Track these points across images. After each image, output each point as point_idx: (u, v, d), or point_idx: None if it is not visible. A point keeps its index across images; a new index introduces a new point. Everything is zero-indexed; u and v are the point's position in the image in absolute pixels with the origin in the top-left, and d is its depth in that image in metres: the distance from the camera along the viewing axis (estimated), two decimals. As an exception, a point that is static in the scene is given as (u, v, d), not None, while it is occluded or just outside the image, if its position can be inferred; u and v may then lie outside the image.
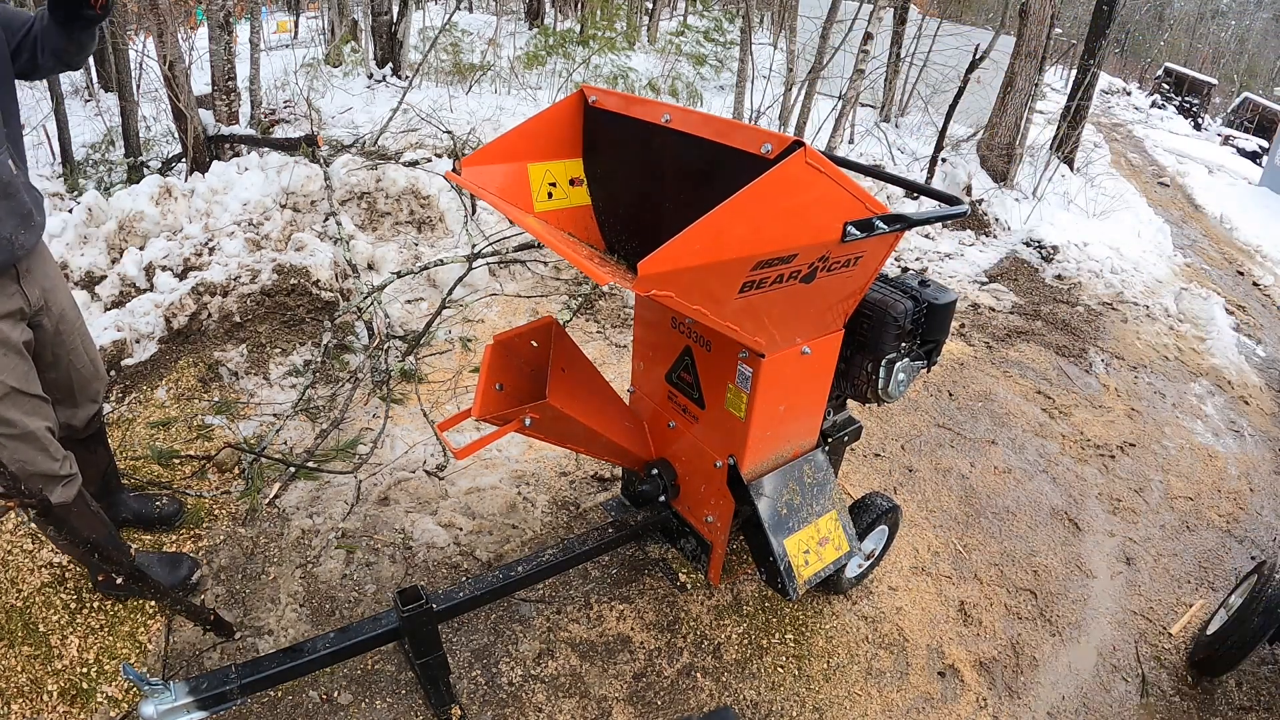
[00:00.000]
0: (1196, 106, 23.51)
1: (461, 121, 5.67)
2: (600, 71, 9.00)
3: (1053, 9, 6.94)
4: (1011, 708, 2.31)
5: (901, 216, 1.60)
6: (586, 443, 2.09)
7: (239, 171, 4.29)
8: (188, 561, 2.25)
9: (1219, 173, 13.09)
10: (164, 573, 2.19)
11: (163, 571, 2.19)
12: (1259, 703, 2.48)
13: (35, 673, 1.95)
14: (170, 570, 2.20)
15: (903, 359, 2.03)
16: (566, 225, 1.94)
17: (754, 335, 1.63)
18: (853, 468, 3.22)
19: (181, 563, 2.24)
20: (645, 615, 2.33)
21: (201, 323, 3.37)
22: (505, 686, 2.08)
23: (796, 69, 6.72)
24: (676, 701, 2.11)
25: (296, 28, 11.80)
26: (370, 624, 1.79)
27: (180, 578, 2.21)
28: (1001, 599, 2.69)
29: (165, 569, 2.20)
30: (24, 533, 2.32)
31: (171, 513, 2.45)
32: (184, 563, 2.24)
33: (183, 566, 2.23)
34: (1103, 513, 3.28)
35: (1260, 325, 5.93)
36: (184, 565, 2.23)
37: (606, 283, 1.24)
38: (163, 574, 2.19)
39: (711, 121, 1.59)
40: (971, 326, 4.79)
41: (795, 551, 1.96)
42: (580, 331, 3.94)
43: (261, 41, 5.94)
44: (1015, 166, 7.29)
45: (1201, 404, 4.40)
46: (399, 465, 2.84)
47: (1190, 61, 36.87)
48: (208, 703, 1.58)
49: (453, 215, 4.52)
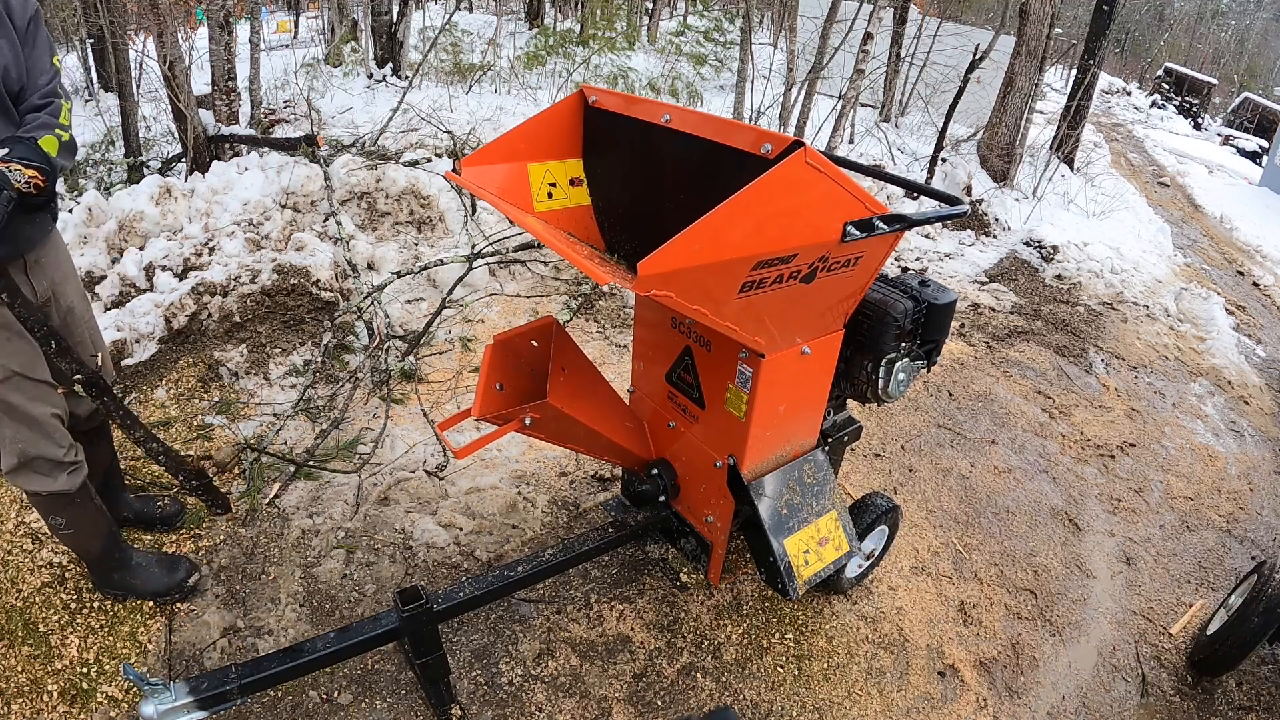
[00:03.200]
0: (1196, 106, 23.52)
1: (461, 121, 5.66)
2: (600, 71, 9.00)
3: (1053, 9, 6.94)
4: (1011, 708, 2.31)
5: (901, 216, 1.60)
6: (586, 443, 2.09)
7: (239, 171, 4.29)
8: (185, 564, 2.23)
9: (1219, 172, 13.10)
10: (161, 574, 2.18)
11: (160, 573, 2.18)
12: (1259, 703, 2.48)
13: (35, 673, 1.95)
14: (167, 572, 2.19)
15: (903, 359, 2.03)
16: (566, 225, 1.94)
17: (754, 335, 1.63)
18: (853, 468, 3.22)
19: (179, 565, 2.22)
20: (645, 615, 2.33)
21: (201, 323, 3.37)
22: (505, 686, 2.08)
23: (796, 69, 6.72)
24: (676, 701, 2.11)
25: (296, 28, 11.81)
26: (370, 624, 1.79)
27: (178, 580, 2.19)
28: (1001, 599, 2.69)
29: (163, 570, 2.19)
30: (24, 533, 2.32)
31: (173, 513, 2.44)
32: (181, 565, 2.22)
33: (180, 569, 2.21)
34: (1103, 513, 3.28)
35: (1260, 325, 5.93)
36: (181, 567, 2.22)
37: (606, 283, 1.24)
38: (160, 575, 2.17)
39: (711, 121, 1.59)
40: (971, 326, 4.79)
41: (795, 551, 1.96)
42: (580, 331, 3.94)
43: (261, 41, 5.94)
44: (1015, 166, 7.29)
45: (1201, 404, 4.40)
46: (399, 465, 2.84)
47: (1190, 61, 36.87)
48: (208, 703, 1.59)
49: (453, 215, 4.52)
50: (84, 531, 2.01)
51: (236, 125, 4.84)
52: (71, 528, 1.98)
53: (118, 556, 2.13)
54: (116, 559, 2.12)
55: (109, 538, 2.09)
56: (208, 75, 4.74)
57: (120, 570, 2.14)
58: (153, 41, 4.43)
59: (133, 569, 2.15)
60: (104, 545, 2.07)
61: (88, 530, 2.02)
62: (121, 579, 2.15)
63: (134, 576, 2.15)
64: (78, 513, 1.97)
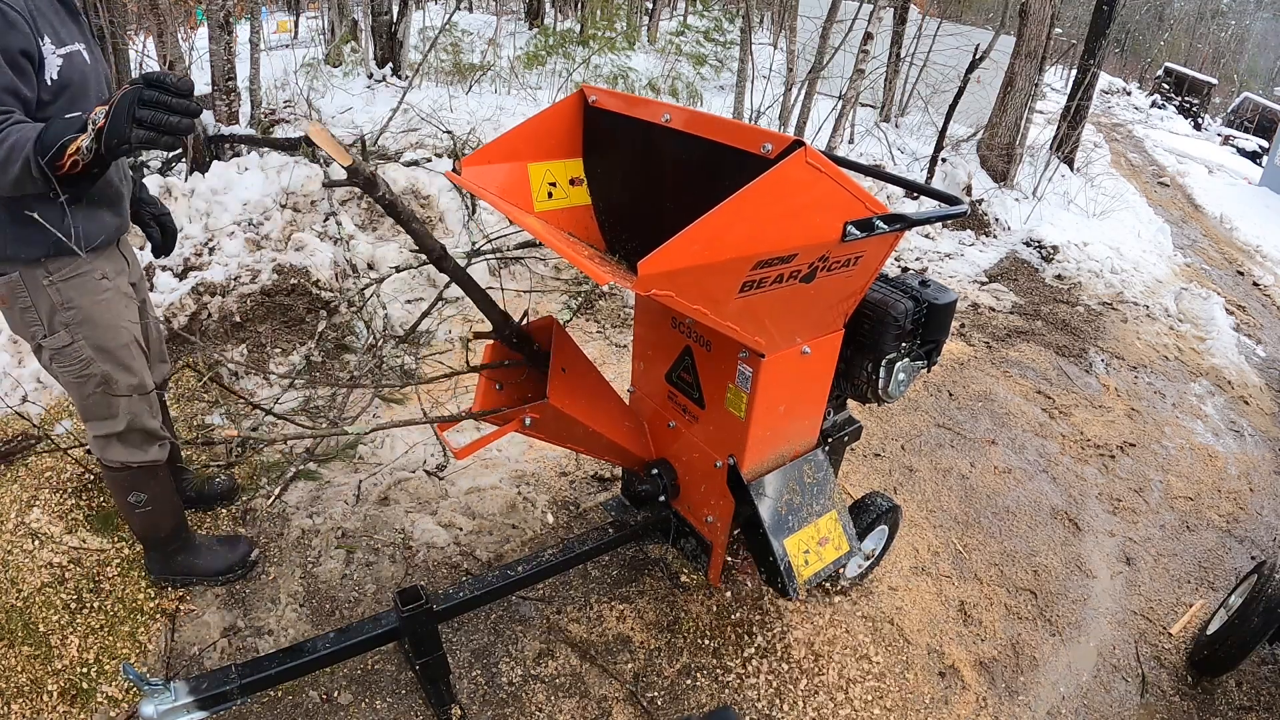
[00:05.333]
0: (1196, 106, 23.53)
1: (461, 121, 5.66)
2: (600, 71, 9.00)
3: (1053, 9, 6.94)
4: (1011, 708, 2.31)
5: (901, 216, 1.60)
6: (587, 443, 2.09)
7: (239, 171, 4.29)
8: (245, 541, 2.33)
9: (1219, 172, 13.10)
10: (225, 552, 2.26)
11: (223, 551, 2.26)
12: (1259, 703, 2.48)
13: (35, 673, 1.95)
14: (230, 550, 2.28)
15: (903, 359, 2.03)
16: (566, 225, 1.94)
17: (754, 335, 1.63)
18: (853, 468, 3.22)
19: (239, 542, 2.32)
20: (645, 615, 2.33)
21: (201, 323, 3.37)
22: (505, 686, 2.08)
23: (796, 69, 6.72)
24: (676, 701, 2.11)
25: (296, 28, 11.79)
26: (370, 624, 1.79)
27: (240, 555, 2.28)
28: (1001, 599, 2.69)
29: (226, 549, 2.27)
30: (24, 533, 2.32)
31: (229, 489, 2.54)
32: (242, 542, 2.33)
33: (241, 545, 2.31)
34: (1103, 513, 3.28)
35: (1260, 325, 5.93)
36: (242, 544, 2.31)
37: (606, 282, 1.24)
38: (224, 554, 2.26)
39: (711, 121, 1.59)
40: (971, 326, 4.79)
41: (795, 551, 1.96)
42: (580, 331, 3.94)
43: (261, 41, 5.93)
44: (1015, 166, 7.29)
45: (1201, 404, 4.40)
46: (399, 465, 2.84)
47: (1190, 61, 36.88)
48: (208, 703, 1.59)
49: (453, 215, 4.52)
50: (160, 509, 2.05)
51: (236, 125, 4.83)
52: (151, 504, 2.02)
53: (185, 536, 2.18)
54: (184, 539, 2.17)
55: (180, 515, 2.15)
56: (208, 75, 4.73)
57: (184, 552, 2.18)
58: (153, 41, 4.43)
59: (197, 549, 2.21)
60: (175, 524, 2.12)
61: (164, 507, 2.06)
62: (185, 561, 2.19)
63: (198, 557, 2.21)
64: (160, 488, 2.02)
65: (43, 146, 1.34)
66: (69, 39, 1.59)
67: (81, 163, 1.35)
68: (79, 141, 1.34)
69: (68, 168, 1.36)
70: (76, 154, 1.34)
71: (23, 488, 2.48)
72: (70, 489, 2.49)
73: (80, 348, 1.76)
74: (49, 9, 1.56)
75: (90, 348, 1.77)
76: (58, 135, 1.35)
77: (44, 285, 1.68)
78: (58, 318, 1.72)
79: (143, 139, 1.30)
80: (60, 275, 1.68)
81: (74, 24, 1.64)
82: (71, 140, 1.34)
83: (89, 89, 1.63)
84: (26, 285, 1.68)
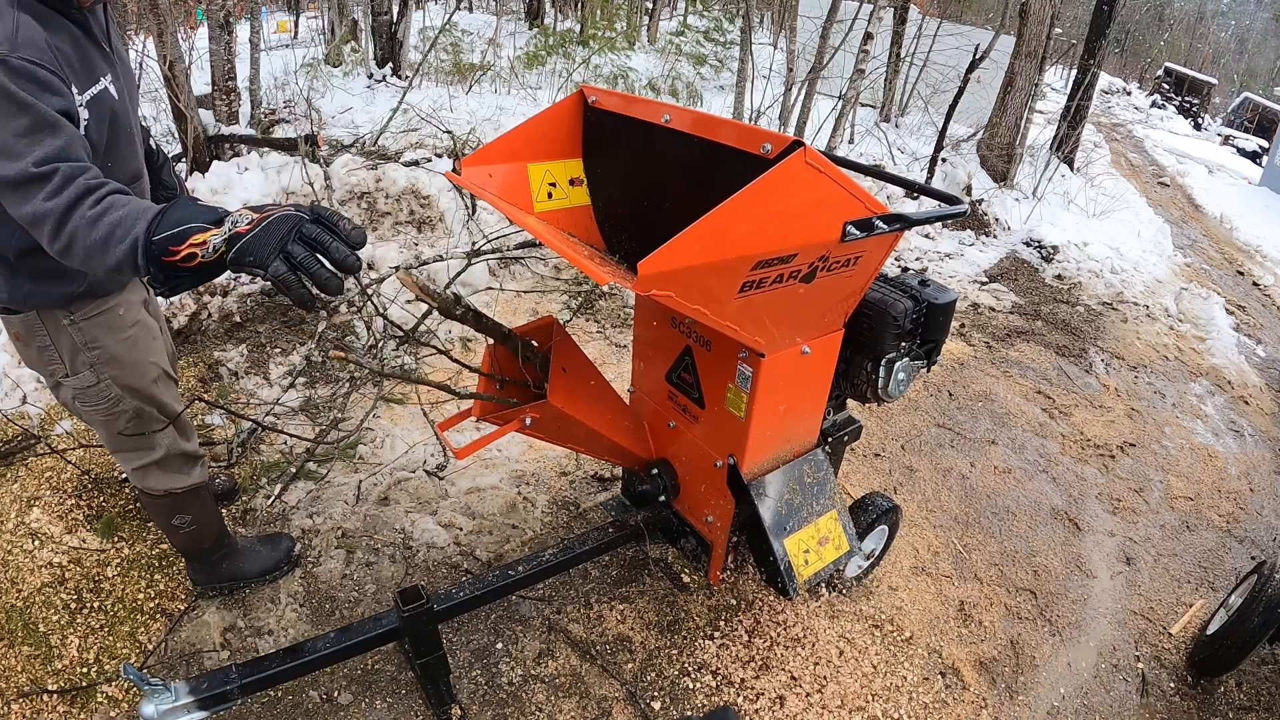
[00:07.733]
0: (1196, 106, 23.53)
1: (461, 121, 5.66)
2: (600, 71, 9.00)
3: (1053, 9, 6.94)
4: (1011, 708, 2.30)
5: (901, 216, 1.60)
6: (587, 443, 2.09)
7: (239, 171, 4.29)
8: (286, 538, 2.35)
9: (1219, 172, 13.10)
10: (268, 551, 2.27)
11: (266, 551, 2.27)
12: (1259, 703, 2.48)
13: (35, 673, 1.95)
14: (273, 548, 2.29)
15: (903, 359, 2.03)
16: (566, 225, 1.94)
17: (754, 335, 1.63)
18: (853, 468, 3.22)
19: (281, 539, 2.33)
20: (645, 615, 2.33)
21: (201, 323, 3.37)
22: (505, 686, 2.08)
23: (796, 69, 6.72)
24: (676, 702, 2.11)
25: (296, 28, 11.77)
26: (370, 624, 1.79)
27: (284, 552, 2.30)
28: (1001, 599, 2.69)
29: (268, 548, 2.28)
30: (24, 533, 2.32)
31: (229, 489, 2.53)
32: (284, 539, 2.33)
33: (283, 542, 2.32)
34: (1103, 513, 3.28)
35: (1260, 325, 5.93)
36: (284, 541, 2.33)
37: (606, 283, 1.24)
38: (267, 553, 2.26)
39: (711, 121, 1.59)
40: (971, 326, 4.79)
41: (795, 551, 1.96)
42: (580, 331, 3.94)
43: (261, 41, 5.93)
44: (1015, 166, 7.29)
45: (1201, 404, 4.40)
46: (399, 465, 2.84)
47: (1190, 61, 36.88)
48: (208, 703, 1.58)
49: (453, 215, 4.52)
50: (204, 524, 2.04)
51: (236, 125, 4.84)
52: (195, 524, 2.00)
53: (228, 544, 2.17)
54: (227, 546, 2.17)
55: (221, 524, 2.14)
56: (208, 75, 4.74)
57: (229, 559, 2.18)
58: (153, 41, 4.43)
59: (240, 554, 2.21)
60: (218, 534, 2.11)
61: (207, 521, 2.05)
62: (230, 567, 2.18)
63: (243, 561, 2.21)
64: (202, 506, 2.01)
65: (164, 224, 1.10)
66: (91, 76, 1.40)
67: (199, 259, 1.09)
68: (208, 235, 1.08)
69: (181, 258, 1.09)
70: (200, 247, 1.08)
71: (23, 488, 2.48)
72: (70, 489, 2.49)
73: (108, 387, 1.67)
74: (69, 46, 1.35)
75: (118, 386, 1.69)
76: (186, 219, 1.10)
77: (64, 325, 1.57)
78: (80, 358, 1.62)
79: (279, 276, 1.04)
80: (82, 314, 1.58)
81: (95, 52, 1.44)
82: (201, 230, 1.09)
83: (119, 138, 1.49)
84: (45, 324, 1.57)
